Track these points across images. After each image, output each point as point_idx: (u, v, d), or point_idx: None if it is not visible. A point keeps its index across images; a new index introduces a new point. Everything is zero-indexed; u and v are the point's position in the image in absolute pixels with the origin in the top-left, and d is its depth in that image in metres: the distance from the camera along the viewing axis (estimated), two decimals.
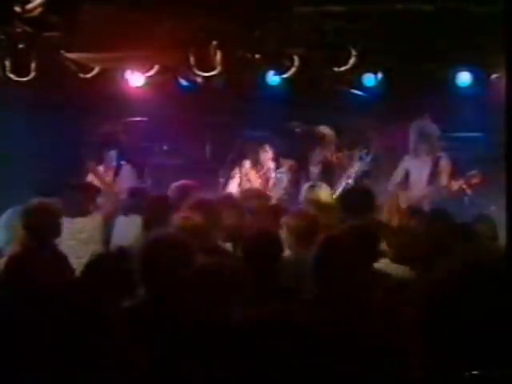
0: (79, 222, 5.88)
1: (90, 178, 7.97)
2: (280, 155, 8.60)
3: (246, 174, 8.22)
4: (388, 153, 8.58)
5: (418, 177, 7.91)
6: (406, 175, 8.00)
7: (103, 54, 7.63)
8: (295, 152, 8.70)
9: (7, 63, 7.47)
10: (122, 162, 8.34)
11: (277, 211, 5.63)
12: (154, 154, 9.64)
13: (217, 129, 9.24)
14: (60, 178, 8.18)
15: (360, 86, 8.67)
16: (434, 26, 6.49)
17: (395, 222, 6.03)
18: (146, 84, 8.72)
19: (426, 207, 7.07)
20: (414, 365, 1.73)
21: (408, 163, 8.03)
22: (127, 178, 8.24)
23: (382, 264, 4.46)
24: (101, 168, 8.27)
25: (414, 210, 6.21)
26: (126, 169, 8.40)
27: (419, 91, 8.07)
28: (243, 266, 3.57)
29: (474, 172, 7.35)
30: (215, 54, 7.32)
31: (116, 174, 8.27)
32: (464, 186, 7.33)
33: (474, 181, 7.30)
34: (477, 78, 8.28)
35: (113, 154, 8.32)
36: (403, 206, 6.66)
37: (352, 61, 7.40)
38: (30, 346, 2.35)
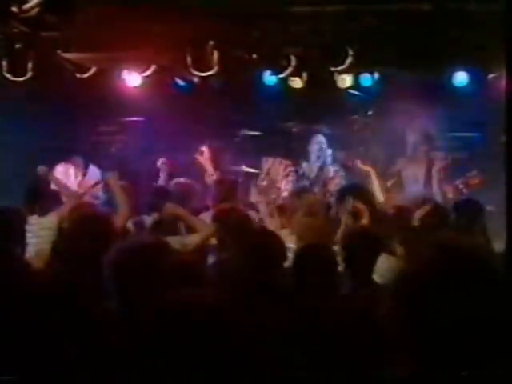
0: (41, 220, 6.00)
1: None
2: (277, 155, 8.60)
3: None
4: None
5: (413, 178, 7.90)
6: (400, 177, 7.99)
7: (100, 53, 7.62)
8: (292, 152, 8.70)
9: (4, 63, 7.46)
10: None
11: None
12: (151, 154, 9.60)
13: (214, 129, 9.22)
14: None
15: (357, 86, 8.67)
16: (433, 26, 6.50)
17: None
18: (143, 84, 8.70)
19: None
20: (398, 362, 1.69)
21: (402, 165, 8.02)
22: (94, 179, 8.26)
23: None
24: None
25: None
26: (93, 170, 8.54)
27: (416, 91, 8.06)
28: None
29: (473, 173, 7.27)
30: (212, 54, 7.32)
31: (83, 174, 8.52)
32: (461, 186, 7.29)
33: (473, 182, 7.22)
34: (474, 78, 8.28)
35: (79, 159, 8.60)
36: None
37: (349, 61, 7.40)
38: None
